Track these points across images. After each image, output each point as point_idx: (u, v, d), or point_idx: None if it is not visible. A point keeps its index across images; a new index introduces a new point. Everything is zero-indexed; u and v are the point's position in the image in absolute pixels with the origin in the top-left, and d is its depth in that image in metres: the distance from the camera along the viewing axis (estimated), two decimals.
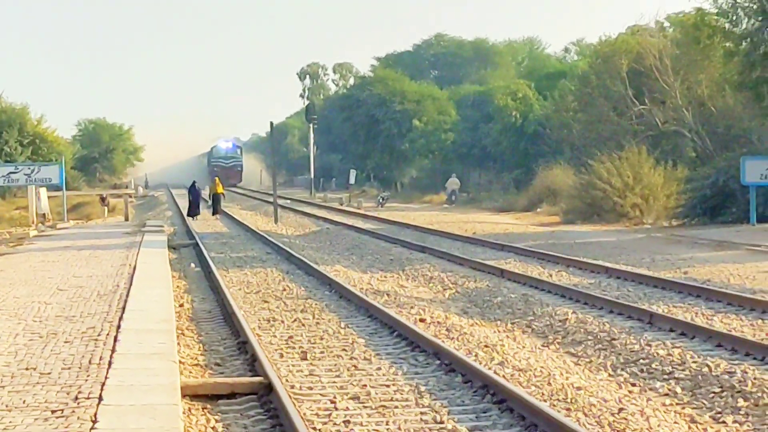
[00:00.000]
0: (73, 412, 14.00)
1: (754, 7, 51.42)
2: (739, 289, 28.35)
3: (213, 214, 73.05)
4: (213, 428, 15.21)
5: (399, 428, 15.05)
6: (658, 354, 20.02)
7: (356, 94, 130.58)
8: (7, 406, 14.42)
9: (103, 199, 76.05)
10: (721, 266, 34.59)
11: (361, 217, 71.33)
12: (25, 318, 23.12)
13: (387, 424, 15.28)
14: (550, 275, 33.54)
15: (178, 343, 20.55)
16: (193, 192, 71.38)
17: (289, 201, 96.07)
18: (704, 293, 27.73)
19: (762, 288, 28.66)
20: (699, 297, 27.45)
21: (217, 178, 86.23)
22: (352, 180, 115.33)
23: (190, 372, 18.91)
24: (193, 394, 16.77)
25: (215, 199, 74.17)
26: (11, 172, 63.71)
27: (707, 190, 57.38)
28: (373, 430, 14.94)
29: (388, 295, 30.08)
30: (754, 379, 17.39)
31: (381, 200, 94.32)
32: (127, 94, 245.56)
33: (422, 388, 17.63)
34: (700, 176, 60.35)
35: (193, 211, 69.91)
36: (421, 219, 68.01)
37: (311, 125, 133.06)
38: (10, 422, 13.45)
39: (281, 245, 47.39)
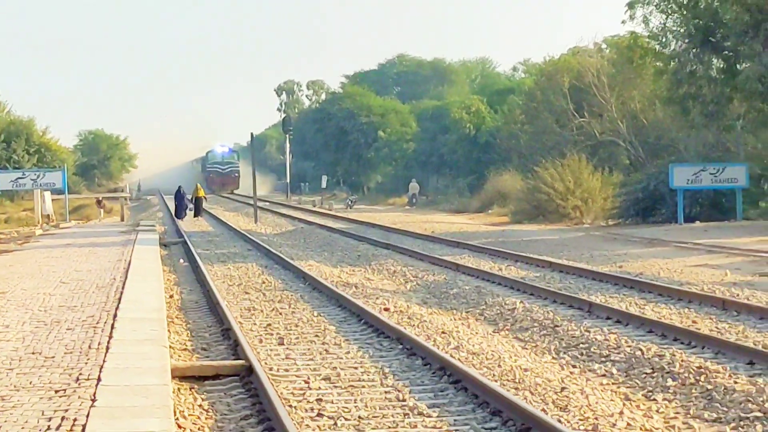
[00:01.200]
0: (75, 391, 14.01)
1: (681, 30, 51.68)
2: (668, 282, 28.42)
3: (195, 215, 72.53)
4: (200, 406, 15.20)
5: (366, 406, 15.06)
6: (596, 339, 20.06)
7: (327, 108, 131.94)
8: (15, 386, 14.45)
9: (98, 202, 76.03)
10: (652, 261, 34.67)
11: (332, 218, 71.19)
12: (32, 308, 23.10)
13: (355, 402, 15.29)
14: (500, 269, 33.55)
15: (169, 330, 20.53)
16: (179, 196, 71.11)
17: (267, 203, 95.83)
18: (637, 285, 27.79)
19: (688, 280, 28.74)
20: (632, 289, 27.50)
21: (198, 185, 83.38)
22: (323, 185, 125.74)
23: (179, 356, 18.88)
24: (181, 376, 16.76)
25: (197, 202, 73.90)
26: (19, 178, 64.37)
27: (639, 193, 57.68)
28: (343, 407, 14.94)
29: (356, 287, 30.08)
30: (682, 361, 17.44)
31: (350, 202, 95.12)
32: (123, 106, 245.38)
33: (386, 370, 17.65)
34: (633, 181, 60.69)
35: (180, 213, 69.62)
36: (386, 219, 67.95)
37: (287, 136, 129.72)
38: (18, 401, 13.48)
39: (261, 243, 47.32)
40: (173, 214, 72.11)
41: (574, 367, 18.10)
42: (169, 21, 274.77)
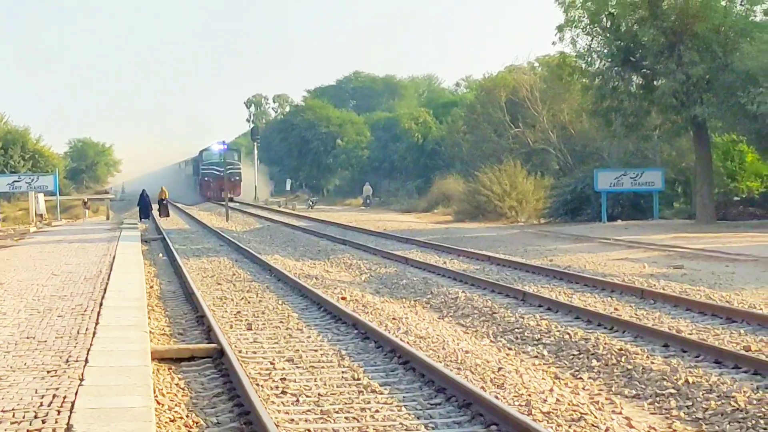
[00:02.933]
0: (65, 372, 13.96)
1: (605, 51, 51.87)
2: (593, 273, 28.53)
3: (160, 215, 71.89)
4: (177, 385, 15.17)
5: (325, 384, 15.06)
6: (529, 325, 20.11)
7: (291, 119, 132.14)
8: (11, 367, 14.40)
9: (84, 203, 75.89)
10: (579, 255, 34.79)
11: (295, 217, 71.14)
12: (26, 297, 23.00)
13: (315, 381, 15.29)
14: (445, 262, 33.60)
15: (149, 317, 20.45)
16: (143, 200, 70.55)
17: (237, 204, 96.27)
18: (565, 277, 27.89)
19: (611, 272, 28.84)
20: (561, 280, 27.59)
21: (163, 187, 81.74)
22: (288, 187, 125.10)
23: (159, 340, 18.83)
24: (160, 358, 16.72)
25: (161, 203, 73.40)
26: (15, 181, 64.85)
27: (568, 195, 58.05)
28: (304, 386, 14.93)
29: (316, 278, 30.05)
30: (605, 344, 17.51)
31: (311, 203, 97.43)
32: (108, 115, 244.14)
33: (343, 352, 17.65)
34: (562, 184, 61.02)
35: (144, 215, 69.08)
36: (343, 218, 67.95)
37: (255, 144, 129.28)
38: (14, 380, 13.43)
39: (231, 239, 47.23)
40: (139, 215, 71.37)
41: (509, 349, 18.14)
42: (150, 40, 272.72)
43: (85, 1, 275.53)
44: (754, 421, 12.50)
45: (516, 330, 19.85)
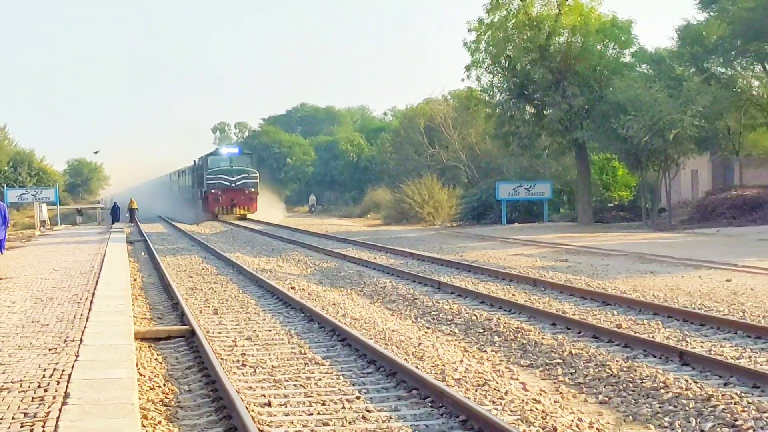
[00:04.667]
0: (63, 349, 13.87)
1: (504, 86, 52.31)
2: (495, 266, 28.63)
3: (130, 221, 70.64)
4: (156, 359, 15.09)
5: (277, 358, 15.02)
6: (443, 308, 20.15)
7: (249, 143, 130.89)
8: (19, 346, 14.31)
9: (78, 211, 75.62)
10: (484, 252, 34.93)
11: (253, 222, 70.77)
12: (32, 288, 22.83)
13: (269, 355, 15.24)
14: (375, 258, 33.59)
15: (133, 305, 20.30)
16: (114, 210, 69.46)
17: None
18: (473, 269, 27.97)
19: (510, 265, 28.96)
20: (470, 271, 27.66)
21: (132, 199, 76.99)
22: None
23: (141, 323, 18.70)
24: (142, 337, 16.63)
25: (131, 212, 72.33)
26: (23, 194, 64.87)
27: (474, 203, 58.48)
28: (261, 359, 14.89)
29: (270, 272, 29.95)
30: (505, 323, 17.58)
31: None
32: (99, 137, 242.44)
33: (292, 332, 17.61)
34: (470, 194, 61.37)
35: (114, 220, 68.16)
36: (291, 223, 67.95)
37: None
38: (21, 357, 13.35)
39: (201, 240, 47.04)
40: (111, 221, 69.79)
41: (427, 328, 18.17)
42: (134, 75, 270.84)
43: (76, 42, 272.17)
44: (624, 385, 12.62)
45: (433, 312, 19.89)
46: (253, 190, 75.29)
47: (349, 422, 10.98)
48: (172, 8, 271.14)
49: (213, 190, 74.15)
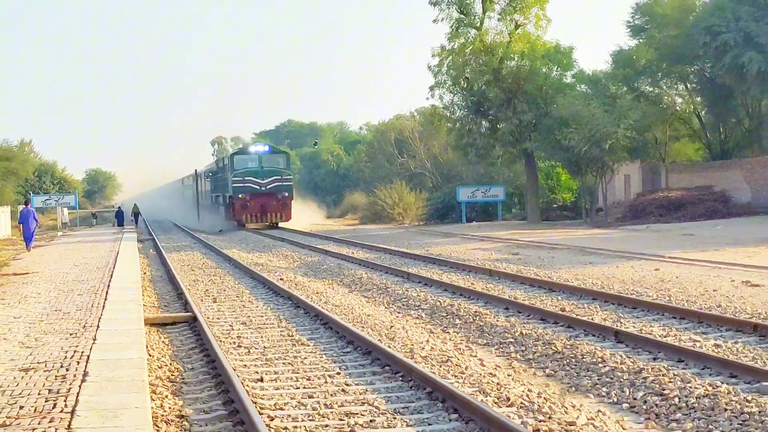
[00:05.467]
0: (83, 334, 13.83)
1: (462, 104, 52.47)
2: (456, 259, 28.65)
3: (135, 224, 69.42)
4: (162, 342, 15.05)
5: (268, 340, 14.99)
6: (412, 296, 20.16)
7: None
8: (44, 331, 14.27)
9: (93, 215, 75.36)
10: (447, 246, 34.97)
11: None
12: (55, 281, 22.74)
13: (262, 337, 15.22)
14: (353, 253, 33.56)
15: (143, 295, 20.25)
16: (119, 214, 68.93)
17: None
18: (437, 261, 28.00)
19: (469, 258, 28.98)
20: (434, 263, 27.69)
21: (135, 204, 74.60)
22: None
23: (150, 311, 18.63)
24: (151, 323, 16.58)
25: (135, 215, 71.51)
26: (47, 199, 64.43)
27: (438, 204, 58.76)
28: (254, 341, 14.87)
29: (262, 265, 29.89)
30: (465, 308, 17.61)
31: None
32: (114, 149, 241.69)
33: (281, 317, 17.59)
34: (434, 197, 61.66)
35: (119, 223, 67.59)
36: (281, 224, 67.73)
37: None
38: (46, 341, 13.31)
39: (201, 238, 46.90)
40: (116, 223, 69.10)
41: (398, 313, 18.18)
42: (145, 92, 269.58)
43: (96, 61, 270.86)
44: (567, 360, 12.67)
45: (403, 299, 19.90)
46: (286, 194, 56.49)
47: (331, 395, 10.98)
48: (180, 34, 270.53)
49: (240, 195, 55.46)
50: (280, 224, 56.59)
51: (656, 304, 16.52)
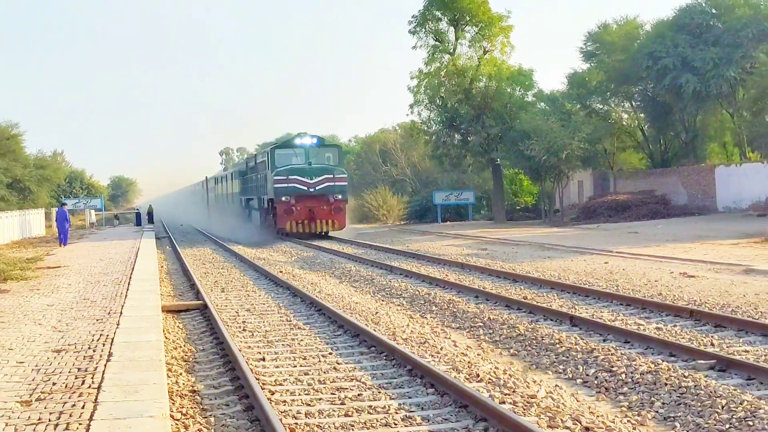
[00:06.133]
0: (107, 320, 13.78)
1: (438, 120, 52.47)
2: (432, 254, 28.66)
3: (149, 222, 68.49)
4: (177, 326, 15.01)
5: (269, 324, 14.98)
6: (394, 285, 20.16)
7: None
8: (74, 317, 14.20)
9: (116, 216, 75.05)
10: (425, 243, 34.99)
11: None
12: (83, 274, 22.64)
13: (264, 322, 15.21)
14: (343, 249, 33.54)
15: (160, 285, 20.19)
16: (137, 216, 68.38)
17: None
18: (416, 256, 28.00)
19: (443, 253, 29.02)
20: (414, 258, 27.70)
21: (150, 205, 71.45)
22: None
23: (166, 299, 18.58)
24: (168, 310, 16.54)
25: (149, 215, 70.49)
26: (77, 202, 64.01)
27: (417, 206, 58.70)
28: (257, 325, 14.86)
29: (264, 260, 29.82)
30: (440, 296, 17.64)
31: None
32: (135, 157, 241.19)
33: (281, 304, 17.57)
34: (413, 200, 61.51)
35: (138, 223, 66.95)
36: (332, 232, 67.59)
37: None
38: (76, 326, 13.25)
39: (210, 236, 46.77)
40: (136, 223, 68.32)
41: (382, 301, 18.18)
42: (163, 103, 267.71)
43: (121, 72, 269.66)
44: (528, 341, 12.69)
45: (386, 289, 19.89)
46: (340, 197, 41.48)
47: (324, 372, 10.97)
48: (190, 53, 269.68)
49: (284, 198, 40.56)
50: (331, 233, 42.15)
51: (606, 293, 16.57)
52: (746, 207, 41.01)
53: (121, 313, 14.49)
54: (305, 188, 40.11)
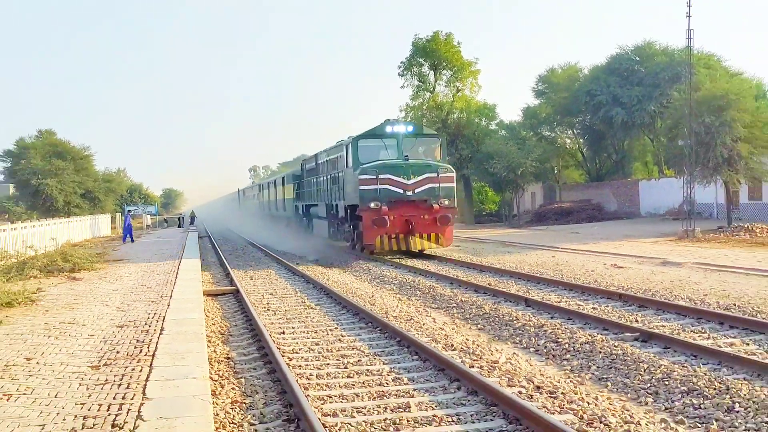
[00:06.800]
0: (160, 302, 13.72)
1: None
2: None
3: (191, 224, 66.81)
4: (216, 307, 14.94)
5: (288, 305, 14.92)
6: (386, 275, 20.03)
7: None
8: (133, 300, 14.15)
9: (165, 220, 74.59)
10: None
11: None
12: (142, 265, 22.53)
13: (283, 304, 15.14)
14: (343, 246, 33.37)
15: (202, 274, 20.14)
16: (181, 219, 67.56)
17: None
18: (402, 252, 27.85)
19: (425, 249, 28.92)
20: (400, 253, 27.57)
21: (192, 210, 69.33)
22: None
23: (207, 285, 18.51)
24: (208, 294, 16.48)
25: (191, 219, 69.02)
26: (135, 209, 63.97)
27: None
28: (278, 306, 14.80)
29: (284, 254, 29.66)
30: (423, 283, 17.52)
31: None
32: (181, 171, 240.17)
33: (296, 289, 17.50)
34: None
35: (181, 225, 65.96)
36: (428, 250, 67.00)
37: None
38: (135, 307, 13.20)
39: (242, 234, 46.53)
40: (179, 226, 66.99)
41: (377, 287, 18.08)
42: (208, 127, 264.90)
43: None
44: (493, 319, 12.66)
45: (380, 277, 19.74)
46: (446, 203, 23.89)
47: (331, 342, 10.95)
48: (222, 83, 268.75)
49: (372, 205, 23.38)
50: (427, 250, 25.20)
51: (553, 280, 16.57)
52: (663, 213, 41.19)
53: (171, 296, 14.44)
54: (401, 191, 23.49)
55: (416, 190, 23.44)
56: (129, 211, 43.43)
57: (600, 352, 9.63)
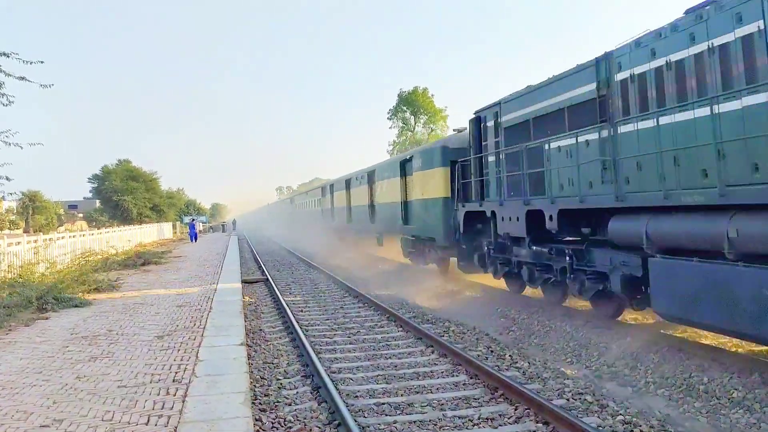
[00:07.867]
0: (210, 287, 13.57)
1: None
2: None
3: (233, 229, 65.37)
4: (251, 292, 14.70)
5: (305, 289, 14.80)
6: (379, 267, 19.95)
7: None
8: (189, 286, 13.97)
9: (211, 227, 73.63)
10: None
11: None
12: (195, 261, 22.24)
13: (301, 288, 15.04)
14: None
15: (240, 268, 19.99)
16: (223, 226, 66.46)
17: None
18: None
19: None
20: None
21: (234, 218, 67.10)
22: None
23: (244, 275, 18.33)
24: (245, 281, 16.23)
25: (233, 224, 67.61)
26: (192, 219, 63.02)
27: None
28: (298, 290, 14.71)
29: (302, 251, 29.43)
30: (410, 271, 17.46)
31: None
32: (225, 188, 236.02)
33: (313, 277, 17.34)
34: None
35: (224, 230, 63.84)
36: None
37: None
38: (191, 291, 13.02)
39: (272, 238, 46.20)
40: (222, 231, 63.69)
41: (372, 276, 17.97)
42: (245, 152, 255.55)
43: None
44: (479, 306, 12.58)
45: (373, 268, 19.64)
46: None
47: (340, 318, 10.89)
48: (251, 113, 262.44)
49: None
50: None
51: None
52: None
53: (217, 282, 14.32)
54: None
55: None
56: (193, 219, 43.63)
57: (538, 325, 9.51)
